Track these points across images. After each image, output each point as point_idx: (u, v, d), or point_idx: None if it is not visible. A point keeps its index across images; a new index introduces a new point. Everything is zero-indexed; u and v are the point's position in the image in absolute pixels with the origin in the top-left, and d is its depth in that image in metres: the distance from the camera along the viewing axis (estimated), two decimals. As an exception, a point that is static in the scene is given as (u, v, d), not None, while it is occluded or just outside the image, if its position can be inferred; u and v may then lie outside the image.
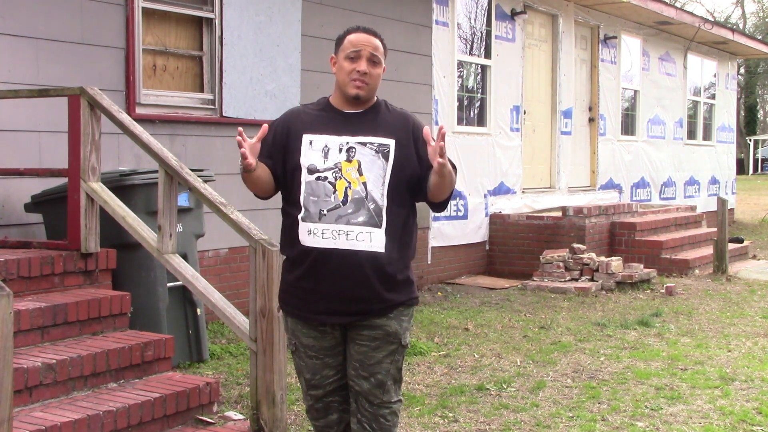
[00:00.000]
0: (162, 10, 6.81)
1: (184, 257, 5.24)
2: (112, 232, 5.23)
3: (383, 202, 3.21)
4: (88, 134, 5.04)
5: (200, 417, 4.55)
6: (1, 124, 5.73)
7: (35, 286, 4.81)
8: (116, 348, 4.52)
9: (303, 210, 3.22)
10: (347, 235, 3.18)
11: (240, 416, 4.75)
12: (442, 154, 3.08)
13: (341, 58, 3.28)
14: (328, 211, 3.20)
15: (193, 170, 4.95)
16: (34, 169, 5.63)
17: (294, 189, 3.26)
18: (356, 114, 3.30)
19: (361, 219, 3.19)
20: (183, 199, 5.55)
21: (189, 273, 4.79)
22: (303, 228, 3.22)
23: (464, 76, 10.64)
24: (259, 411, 4.41)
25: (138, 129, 5.00)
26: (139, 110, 6.50)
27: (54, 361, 4.21)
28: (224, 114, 7.17)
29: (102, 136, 5.18)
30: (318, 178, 3.22)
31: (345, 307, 3.25)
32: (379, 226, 3.20)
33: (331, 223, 3.19)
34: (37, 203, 5.60)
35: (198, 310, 5.83)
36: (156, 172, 5.02)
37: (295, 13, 7.75)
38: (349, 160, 3.22)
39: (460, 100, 10.31)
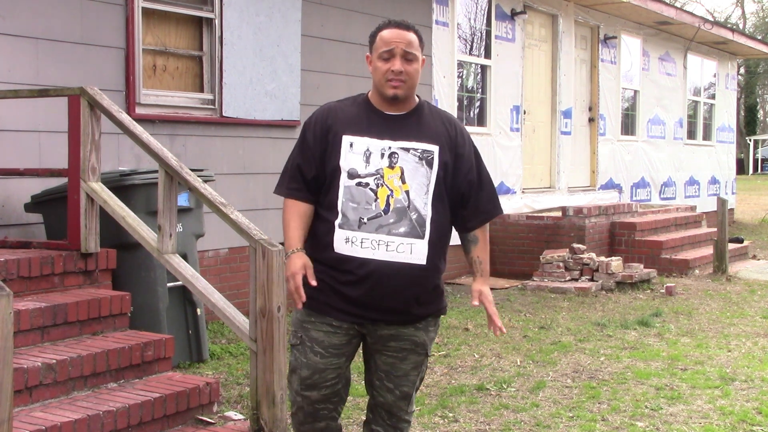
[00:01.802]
0: (162, 10, 6.81)
1: (184, 257, 5.23)
2: (112, 232, 5.23)
3: (426, 212, 3.09)
4: (88, 134, 5.04)
5: (200, 417, 4.55)
6: (1, 124, 5.73)
7: (35, 286, 4.81)
8: (116, 348, 4.52)
9: (341, 216, 3.07)
10: (387, 246, 3.04)
11: (240, 416, 4.75)
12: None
13: (375, 58, 3.14)
14: (368, 219, 3.05)
15: (193, 170, 4.94)
16: (34, 169, 5.63)
17: (331, 192, 3.11)
18: (398, 117, 3.16)
19: (402, 230, 3.06)
20: (183, 199, 5.55)
21: (189, 273, 4.79)
22: (340, 235, 3.07)
23: (464, 76, 10.64)
24: (259, 411, 4.41)
25: (138, 129, 5.00)
26: (139, 110, 6.51)
27: (54, 361, 4.21)
28: (224, 114, 7.18)
29: (102, 136, 5.18)
30: (359, 184, 3.07)
31: (370, 314, 3.12)
32: (422, 237, 3.07)
33: (371, 233, 3.04)
34: (37, 203, 5.60)
35: (198, 310, 5.83)
36: (156, 172, 5.02)
37: (295, 13, 7.75)
38: (391, 167, 3.08)
39: (460, 100, 10.32)
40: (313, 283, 3.13)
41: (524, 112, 11.35)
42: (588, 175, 13.03)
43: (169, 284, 5.62)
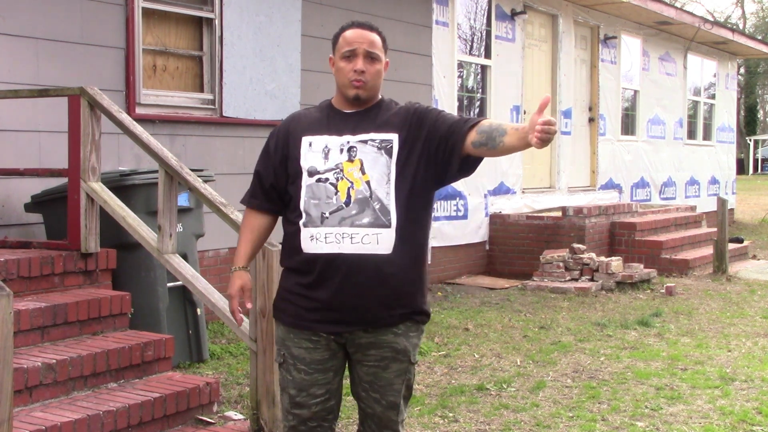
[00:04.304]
0: (162, 10, 6.81)
1: (184, 257, 5.23)
2: (112, 232, 5.23)
3: (390, 201, 3.00)
4: (88, 134, 5.04)
5: (200, 417, 4.55)
6: (1, 124, 5.73)
7: (35, 286, 4.81)
8: (116, 348, 4.52)
9: (304, 215, 3.02)
10: (352, 238, 2.96)
11: (240, 416, 4.75)
12: (541, 136, 2.70)
13: (338, 58, 3.11)
14: (330, 213, 2.99)
15: (193, 170, 4.95)
16: (34, 169, 5.63)
17: (295, 195, 3.07)
18: (358, 113, 3.11)
19: (366, 220, 2.98)
20: (183, 199, 5.55)
21: (189, 273, 4.79)
22: (305, 234, 3.01)
23: (464, 76, 10.64)
24: (259, 411, 4.41)
25: (138, 129, 5.00)
26: (139, 110, 6.51)
27: (54, 361, 4.21)
28: (224, 114, 7.18)
29: (102, 136, 5.18)
30: (318, 180, 3.02)
31: (345, 316, 3.02)
32: (388, 226, 2.98)
33: (335, 226, 2.97)
34: (37, 203, 5.60)
35: (198, 310, 5.83)
36: (156, 172, 5.02)
37: (295, 13, 7.75)
38: (350, 160, 3.02)
39: (460, 100, 10.32)
40: (249, 306, 3.25)
41: (524, 112, 11.34)
42: (588, 175, 13.03)
43: (169, 284, 5.62)
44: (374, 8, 8.55)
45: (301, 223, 3.03)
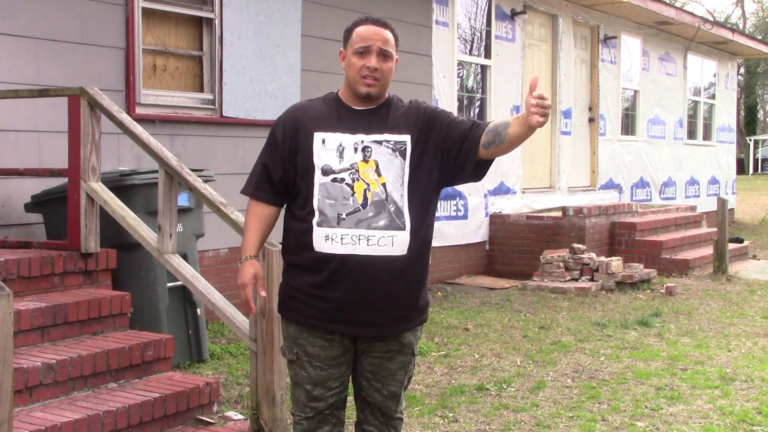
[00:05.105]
0: (162, 10, 6.81)
1: (184, 257, 5.24)
2: (112, 232, 5.23)
3: (404, 203, 3.03)
4: (88, 134, 5.04)
5: (200, 417, 4.55)
6: (1, 124, 5.73)
7: (35, 286, 4.81)
8: (116, 348, 4.52)
9: (318, 214, 3.02)
10: (368, 240, 2.99)
11: (240, 416, 4.75)
12: (537, 111, 2.84)
13: (350, 53, 3.10)
14: (347, 215, 3.00)
15: (193, 170, 4.95)
16: (34, 169, 5.63)
17: (306, 191, 3.06)
18: (369, 111, 3.11)
19: (382, 223, 3.00)
20: (183, 199, 5.55)
21: (189, 273, 4.79)
22: (319, 233, 3.02)
23: (464, 76, 10.64)
24: (259, 411, 4.41)
25: (138, 129, 5.00)
26: (139, 110, 6.50)
27: (54, 361, 4.21)
28: (224, 114, 7.18)
29: (102, 136, 5.18)
30: (334, 180, 3.02)
31: (359, 317, 3.07)
32: (403, 228, 3.01)
33: (351, 228, 2.99)
34: (37, 203, 5.60)
35: (198, 310, 5.83)
36: (156, 172, 5.02)
37: (295, 13, 7.75)
38: (365, 160, 3.03)
39: (460, 100, 10.32)
40: (263, 294, 3.22)
41: (524, 112, 11.33)
42: (588, 175, 13.03)
43: (169, 284, 5.62)
44: (374, 8, 8.55)
45: (314, 221, 3.04)
